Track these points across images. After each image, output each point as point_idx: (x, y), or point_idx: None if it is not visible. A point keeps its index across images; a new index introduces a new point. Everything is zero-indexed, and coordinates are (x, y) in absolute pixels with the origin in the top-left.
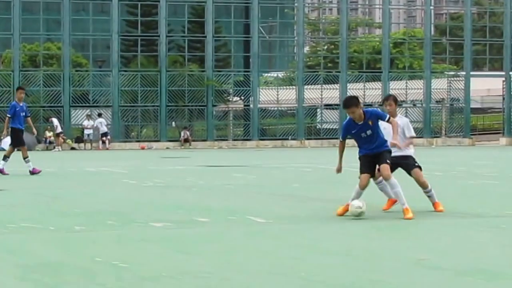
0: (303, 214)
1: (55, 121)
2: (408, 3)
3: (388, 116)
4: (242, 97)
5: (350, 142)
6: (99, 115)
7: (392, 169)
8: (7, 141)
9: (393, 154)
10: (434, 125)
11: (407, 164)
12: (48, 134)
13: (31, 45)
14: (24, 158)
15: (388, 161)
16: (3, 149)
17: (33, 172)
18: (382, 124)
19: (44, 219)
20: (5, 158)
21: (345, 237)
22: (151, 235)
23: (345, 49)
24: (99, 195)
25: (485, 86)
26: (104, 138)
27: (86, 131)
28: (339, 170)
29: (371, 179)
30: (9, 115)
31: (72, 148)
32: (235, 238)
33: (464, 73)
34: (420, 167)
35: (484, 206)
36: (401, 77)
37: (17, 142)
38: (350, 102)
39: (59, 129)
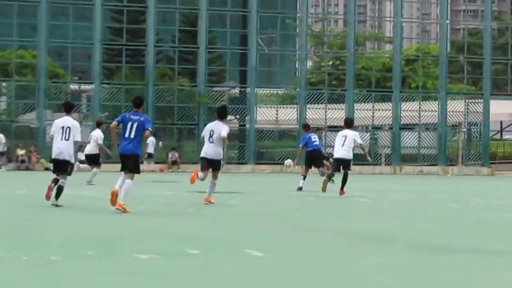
0: (305, 245)
1: (2, 138)
2: (422, 16)
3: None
4: (238, 116)
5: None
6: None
7: None
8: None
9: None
10: (450, 151)
11: None
12: (20, 152)
13: (3, 52)
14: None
15: None
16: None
17: None
18: None
19: (17, 247)
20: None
21: (351, 271)
22: (136, 268)
23: (352, 65)
24: (78, 222)
25: (507, 110)
26: (150, 159)
27: None
28: None
29: None
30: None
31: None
32: (229, 272)
33: (483, 94)
34: None
35: (507, 242)
36: (413, 98)
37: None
38: None
39: (2, 148)
